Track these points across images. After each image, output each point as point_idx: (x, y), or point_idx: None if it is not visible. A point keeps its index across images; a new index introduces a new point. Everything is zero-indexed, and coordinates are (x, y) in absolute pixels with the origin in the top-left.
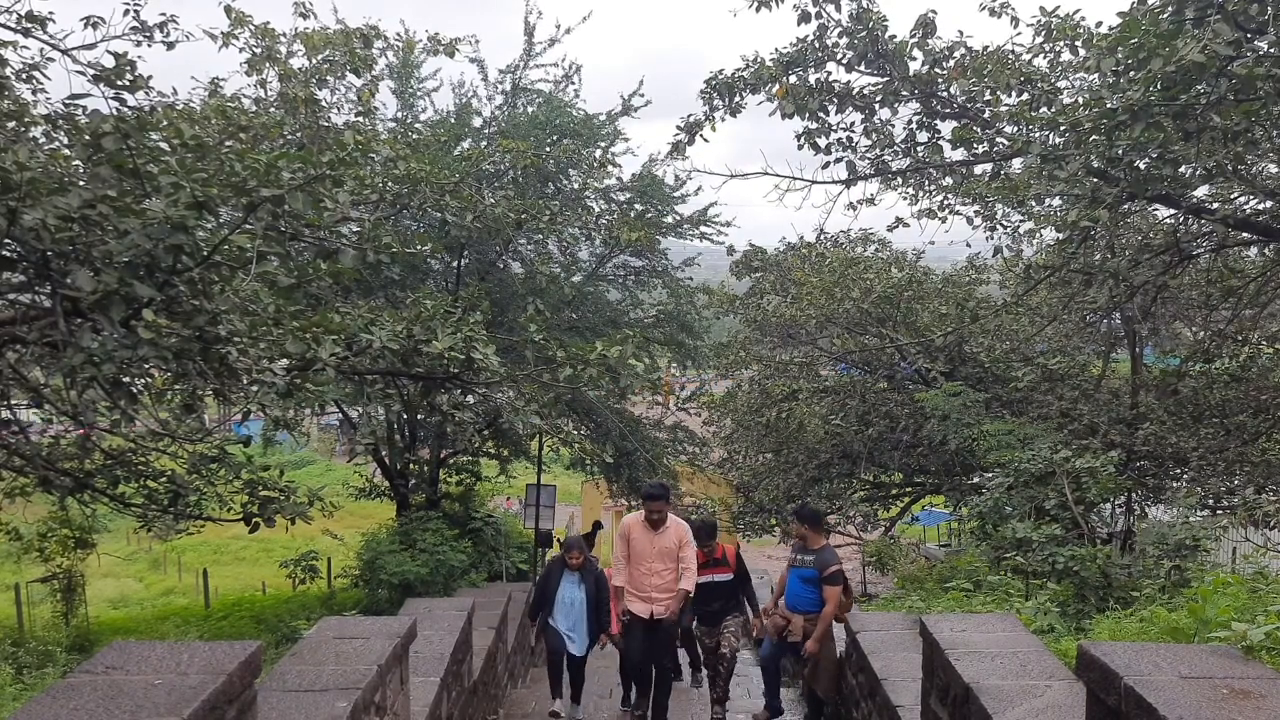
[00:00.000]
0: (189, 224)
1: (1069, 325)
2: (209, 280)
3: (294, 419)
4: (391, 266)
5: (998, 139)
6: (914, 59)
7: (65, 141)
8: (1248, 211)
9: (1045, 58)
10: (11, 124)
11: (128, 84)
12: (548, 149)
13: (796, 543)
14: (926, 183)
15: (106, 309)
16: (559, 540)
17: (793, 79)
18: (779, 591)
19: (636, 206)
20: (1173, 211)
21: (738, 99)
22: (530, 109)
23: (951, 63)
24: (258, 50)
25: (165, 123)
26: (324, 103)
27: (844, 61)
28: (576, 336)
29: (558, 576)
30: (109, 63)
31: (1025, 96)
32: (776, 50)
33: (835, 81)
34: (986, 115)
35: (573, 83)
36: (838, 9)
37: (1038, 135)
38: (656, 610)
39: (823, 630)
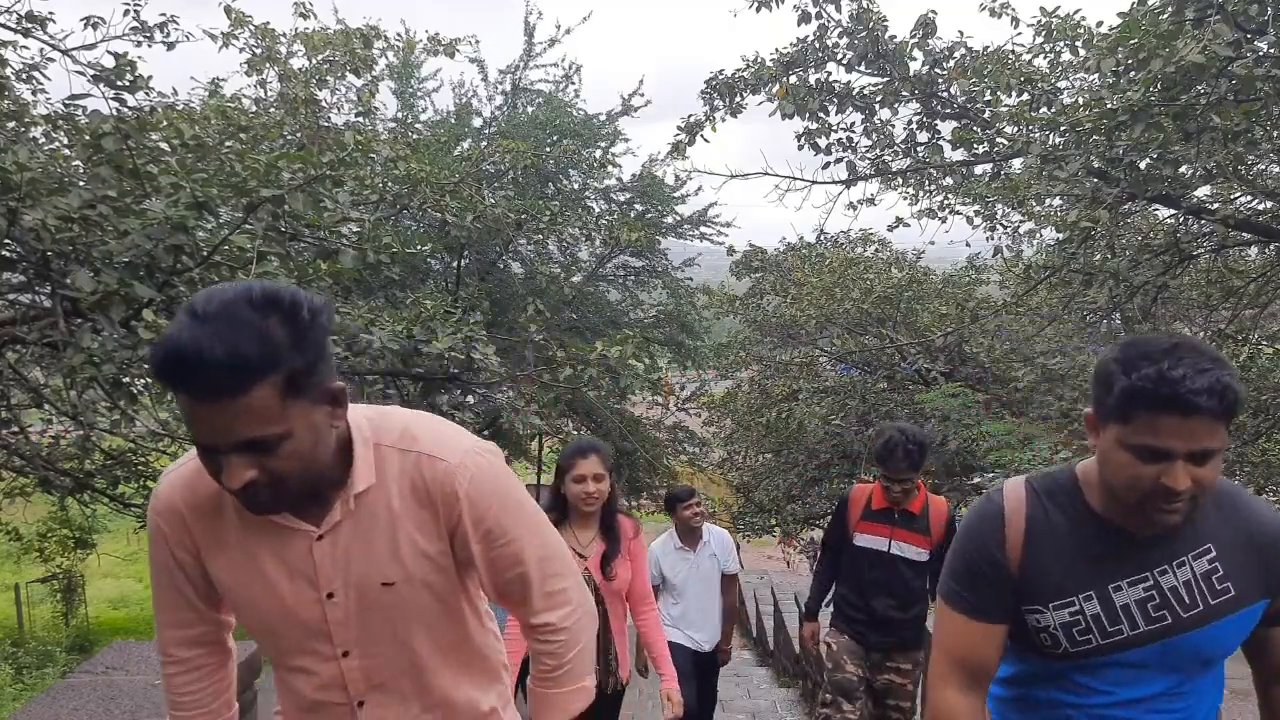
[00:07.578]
0: (189, 224)
1: (1069, 325)
2: (209, 280)
3: None
4: (391, 267)
5: (998, 139)
6: (914, 59)
7: (65, 141)
8: (1248, 212)
9: (1045, 58)
10: (11, 124)
11: (128, 84)
12: (548, 149)
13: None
14: (927, 183)
15: (106, 309)
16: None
17: (793, 79)
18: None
19: (636, 207)
20: (1173, 212)
21: (738, 99)
22: (530, 109)
23: (952, 63)
24: (258, 50)
25: (165, 123)
26: (324, 103)
27: (844, 62)
28: (576, 337)
29: None
30: (109, 63)
31: (1025, 97)
32: (777, 50)
33: (835, 82)
34: (987, 115)
35: (573, 83)
36: (838, 9)
37: (1038, 135)
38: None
39: None
